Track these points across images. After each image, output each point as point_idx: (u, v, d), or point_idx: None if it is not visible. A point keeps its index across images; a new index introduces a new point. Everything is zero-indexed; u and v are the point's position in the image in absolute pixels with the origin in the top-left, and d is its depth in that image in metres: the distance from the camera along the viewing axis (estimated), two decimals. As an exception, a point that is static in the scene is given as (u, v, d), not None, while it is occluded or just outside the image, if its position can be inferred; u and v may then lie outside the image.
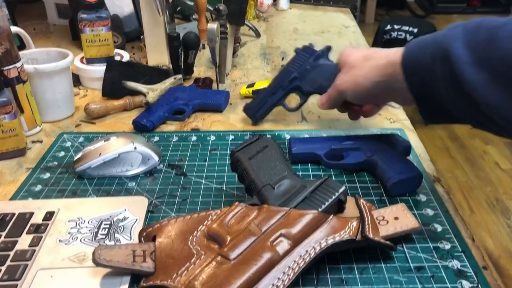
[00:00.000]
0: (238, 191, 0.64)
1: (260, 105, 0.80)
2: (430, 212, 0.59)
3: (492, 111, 0.48)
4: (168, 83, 0.86)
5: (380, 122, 0.82)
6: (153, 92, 0.84)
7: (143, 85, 0.85)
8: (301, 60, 0.77)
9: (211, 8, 1.23)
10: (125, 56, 1.03)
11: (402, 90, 0.58)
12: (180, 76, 0.88)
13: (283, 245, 0.48)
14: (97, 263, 0.47)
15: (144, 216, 0.58)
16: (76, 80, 0.99)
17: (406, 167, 0.63)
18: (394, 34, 2.73)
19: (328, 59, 0.76)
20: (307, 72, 0.76)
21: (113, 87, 0.91)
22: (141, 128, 0.80)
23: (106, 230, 0.56)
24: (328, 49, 0.77)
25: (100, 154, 0.65)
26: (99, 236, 0.55)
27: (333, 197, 0.52)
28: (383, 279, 0.50)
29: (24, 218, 0.57)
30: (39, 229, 0.55)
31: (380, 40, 2.81)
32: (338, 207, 0.54)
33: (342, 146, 0.69)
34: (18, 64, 0.74)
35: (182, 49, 0.96)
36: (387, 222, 0.53)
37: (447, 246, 0.54)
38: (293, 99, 0.85)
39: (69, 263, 0.51)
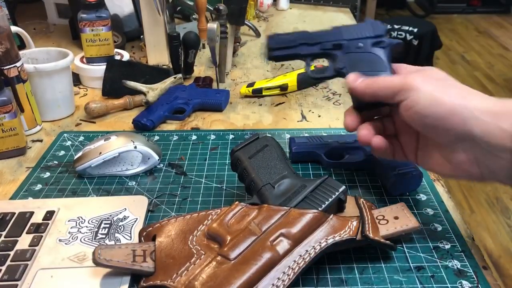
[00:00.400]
0: (238, 190, 0.64)
1: (287, 44, 0.63)
2: (430, 211, 0.59)
3: None
4: (168, 82, 0.86)
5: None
6: (153, 91, 0.84)
7: (143, 84, 0.85)
8: (361, 32, 0.61)
9: (211, 8, 1.23)
10: (125, 55, 1.03)
11: (498, 158, 0.45)
12: (180, 75, 0.88)
13: (283, 245, 0.48)
14: (97, 263, 0.47)
15: (144, 215, 0.58)
16: (76, 79, 0.99)
17: (406, 166, 0.63)
18: (394, 34, 2.74)
19: (388, 57, 0.59)
20: (358, 50, 0.60)
21: (113, 86, 0.91)
22: (141, 127, 0.80)
23: (106, 229, 0.56)
24: (399, 44, 0.61)
25: (100, 153, 0.65)
26: (99, 236, 0.55)
27: (333, 197, 0.52)
28: (383, 279, 0.50)
29: (24, 217, 0.57)
30: (39, 229, 0.55)
31: (380, 39, 2.81)
32: (338, 207, 0.54)
33: (342, 145, 0.69)
34: (18, 64, 0.74)
35: (182, 49, 0.96)
36: (387, 221, 0.53)
37: (447, 246, 0.54)
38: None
39: (69, 263, 0.51)
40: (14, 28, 0.92)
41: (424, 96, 0.47)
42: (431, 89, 0.47)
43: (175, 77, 0.87)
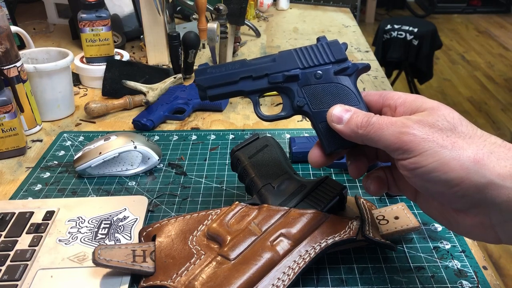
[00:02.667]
0: (238, 190, 0.64)
1: (224, 81, 0.50)
2: (430, 211, 0.59)
3: None
4: (168, 82, 0.86)
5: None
6: (153, 91, 0.83)
7: (143, 84, 0.85)
8: (318, 57, 0.49)
9: (211, 8, 1.23)
10: (125, 55, 1.03)
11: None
12: (180, 75, 0.88)
13: (283, 245, 0.48)
14: (97, 263, 0.47)
15: (144, 215, 0.58)
16: (76, 79, 0.99)
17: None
18: (394, 34, 2.73)
19: (355, 85, 0.49)
20: (318, 81, 0.49)
21: (113, 86, 0.91)
22: (141, 127, 0.80)
23: (106, 229, 0.56)
24: (365, 67, 0.49)
25: (100, 153, 0.65)
26: (99, 236, 0.55)
27: (333, 197, 0.52)
28: (383, 279, 0.50)
29: (24, 217, 0.57)
30: (39, 229, 0.55)
31: (380, 40, 2.81)
32: (338, 207, 0.54)
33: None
34: (18, 64, 0.74)
35: (182, 49, 0.96)
36: (387, 221, 0.53)
37: (447, 246, 0.54)
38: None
39: (69, 263, 0.51)
40: (14, 28, 0.92)
41: (428, 159, 0.39)
42: (436, 149, 0.38)
43: (175, 77, 0.87)
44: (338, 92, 0.48)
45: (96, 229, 0.56)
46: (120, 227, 0.56)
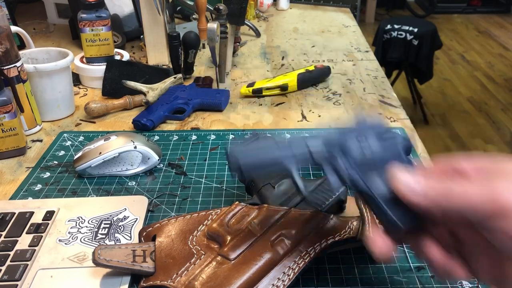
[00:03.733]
0: (238, 191, 0.64)
1: (261, 165, 0.44)
2: (430, 211, 0.59)
3: None
4: (168, 82, 0.86)
5: (380, 122, 0.82)
6: (153, 91, 0.83)
7: (143, 84, 0.85)
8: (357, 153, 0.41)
9: (211, 8, 1.23)
10: (125, 55, 1.03)
11: None
12: (180, 75, 0.88)
13: (283, 245, 0.48)
14: (97, 263, 0.47)
15: (144, 215, 0.58)
16: (76, 79, 0.99)
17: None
18: (394, 34, 2.73)
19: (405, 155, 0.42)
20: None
21: (113, 86, 0.91)
22: (141, 127, 0.80)
23: (106, 229, 0.56)
24: (409, 149, 0.43)
25: (100, 153, 0.65)
26: (99, 236, 0.55)
27: (333, 197, 0.52)
28: (383, 279, 0.50)
29: (24, 217, 0.57)
30: (39, 229, 0.55)
31: (380, 40, 2.81)
32: (338, 207, 0.54)
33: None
34: (18, 64, 0.74)
35: (182, 49, 0.96)
36: (387, 221, 0.53)
37: (447, 246, 0.54)
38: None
39: (69, 263, 0.51)
40: (14, 28, 0.92)
41: None
42: None
43: (175, 77, 0.87)
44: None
45: (96, 229, 0.56)
46: (120, 227, 0.56)
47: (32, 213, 0.57)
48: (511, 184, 0.34)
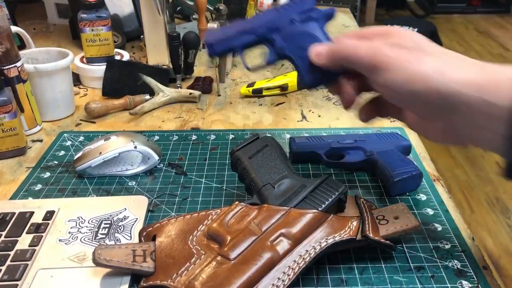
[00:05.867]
0: (238, 190, 0.64)
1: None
2: (430, 211, 0.59)
3: None
4: (182, 92, 0.88)
5: (380, 121, 0.82)
6: (163, 95, 0.84)
7: (158, 84, 0.85)
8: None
9: (211, 8, 1.23)
10: (125, 55, 1.03)
11: (483, 129, 0.42)
12: (198, 93, 0.89)
13: (283, 245, 0.48)
14: (97, 263, 0.47)
15: (144, 215, 0.58)
16: (76, 79, 0.99)
17: (406, 166, 0.63)
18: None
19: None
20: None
21: (113, 86, 0.91)
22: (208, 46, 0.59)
23: (106, 229, 0.56)
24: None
25: (100, 153, 0.65)
26: (99, 236, 0.55)
27: (333, 197, 0.52)
28: (383, 279, 0.50)
29: (24, 217, 0.57)
30: (39, 229, 0.55)
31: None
32: (338, 207, 0.54)
33: (342, 145, 0.69)
34: (18, 64, 0.74)
35: (182, 49, 0.96)
36: (387, 221, 0.53)
37: (447, 246, 0.54)
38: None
39: (69, 263, 0.51)
40: (14, 28, 0.92)
41: (398, 75, 0.44)
42: (404, 65, 0.43)
43: (190, 94, 0.89)
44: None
45: (96, 229, 0.56)
46: (120, 227, 0.56)
47: (32, 213, 0.57)
48: (394, 48, 0.45)
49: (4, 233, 0.54)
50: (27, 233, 0.55)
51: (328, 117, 0.85)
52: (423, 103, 0.44)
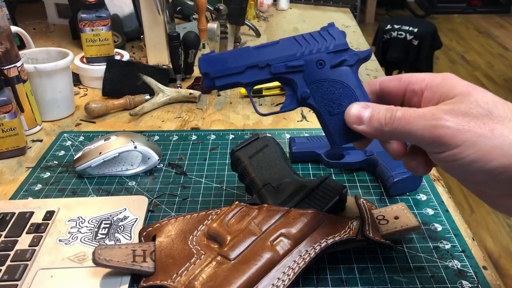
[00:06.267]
0: (238, 190, 0.64)
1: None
2: (430, 211, 0.59)
3: None
4: (182, 92, 0.88)
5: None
6: (162, 96, 0.84)
7: (158, 83, 0.85)
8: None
9: (211, 8, 1.23)
10: (125, 55, 1.03)
11: None
12: (198, 93, 0.88)
13: (283, 245, 0.48)
14: (97, 263, 0.47)
15: (144, 215, 0.58)
16: (76, 79, 0.99)
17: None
18: (394, 34, 2.73)
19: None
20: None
21: (113, 86, 0.91)
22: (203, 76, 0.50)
23: (106, 229, 0.56)
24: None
25: (100, 153, 0.65)
26: (99, 236, 0.55)
27: (333, 197, 0.52)
28: (383, 279, 0.50)
29: (24, 217, 0.57)
30: (39, 229, 0.55)
31: (380, 40, 2.81)
32: (338, 207, 0.54)
33: (342, 146, 0.69)
34: (18, 64, 0.74)
35: (182, 49, 0.96)
36: (387, 221, 0.53)
37: (447, 246, 0.54)
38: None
39: (69, 263, 0.51)
40: (14, 28, 0.92)
41: (467, 151, 0.36)
42: (475, 139, 0.36)
43: (190, 94, 0.88)
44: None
45: (96, 229, 0.56)
46: (120, 227, 0.56)
47: (32, 213, 0.57)
48: (459, 118, 0.37)
49: (4, 233, 0.54)
50: (27, 233, 0.55)
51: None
52: (498, 182, 0.37)
